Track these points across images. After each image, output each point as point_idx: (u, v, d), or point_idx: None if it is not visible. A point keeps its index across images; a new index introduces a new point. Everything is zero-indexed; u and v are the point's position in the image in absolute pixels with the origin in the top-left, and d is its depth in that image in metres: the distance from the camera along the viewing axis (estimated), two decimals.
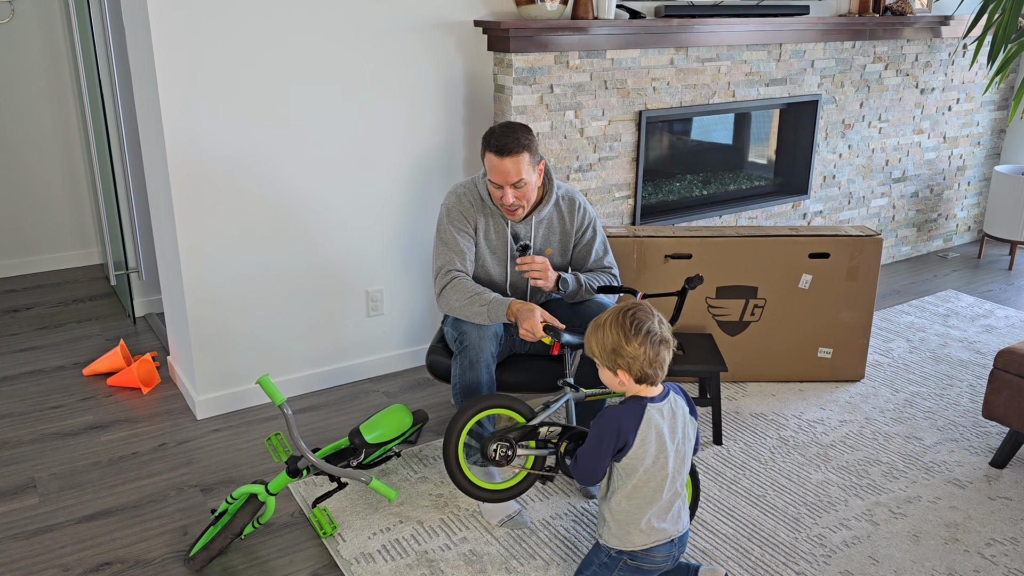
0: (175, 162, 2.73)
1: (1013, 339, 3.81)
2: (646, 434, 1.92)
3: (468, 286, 2.49)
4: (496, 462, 2.23)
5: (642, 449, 1.92)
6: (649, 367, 1.90)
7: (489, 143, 2.46)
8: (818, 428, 3.02)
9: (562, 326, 2.38)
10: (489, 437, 2.23)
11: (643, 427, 1.92)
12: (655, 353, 1.90)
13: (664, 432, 1.95)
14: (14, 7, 4.26)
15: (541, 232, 2.65)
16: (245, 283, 2.99)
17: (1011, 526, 2.47)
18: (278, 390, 2.10)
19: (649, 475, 1.94)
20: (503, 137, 2.44)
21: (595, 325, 1.96)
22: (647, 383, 1.94)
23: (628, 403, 1.96)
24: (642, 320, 1.90)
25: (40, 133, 4.48)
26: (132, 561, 2.28)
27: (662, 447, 1.94)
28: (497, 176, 2.46)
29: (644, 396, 1.96)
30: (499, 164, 2.44)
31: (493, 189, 2.51)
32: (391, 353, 3.42)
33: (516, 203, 2.50)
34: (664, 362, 1.92)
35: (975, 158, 5.04)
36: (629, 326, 1.89)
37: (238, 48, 2.73)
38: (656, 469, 1.94)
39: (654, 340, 1.90)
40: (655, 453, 1.93)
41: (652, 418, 1.93)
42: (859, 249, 3.21)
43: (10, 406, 3.13)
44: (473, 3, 3.14)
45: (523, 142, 2.44)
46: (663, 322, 1.95)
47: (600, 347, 1.94)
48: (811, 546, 2.37)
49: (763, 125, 4.22)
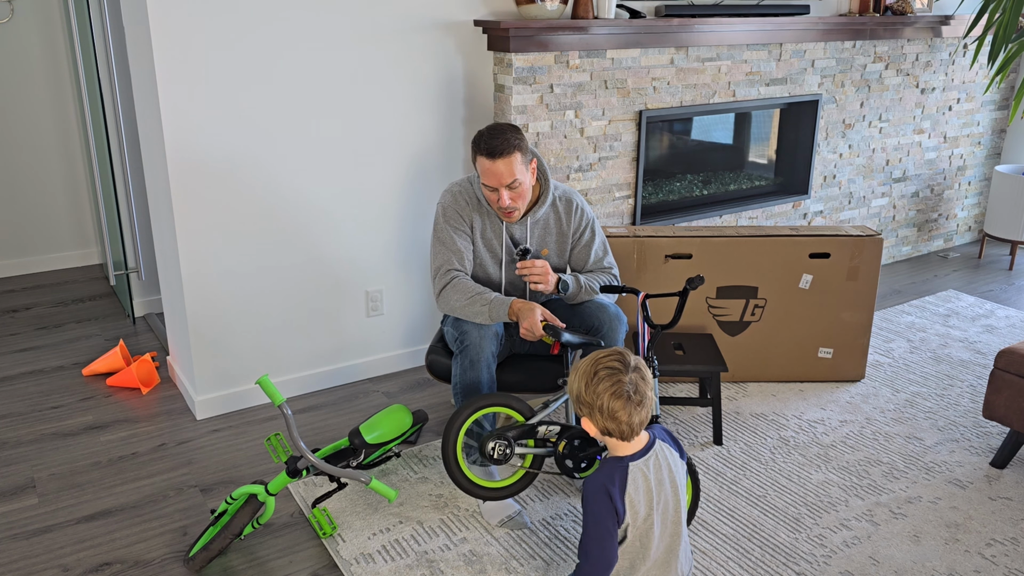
0: (175, 162, 2.73)
1: (1013, 339, 3.80)
2: (632, 497, 1.77)
3: (468, 286, 2.49)
4: (494, 460, 2.25)
5: (632, 511, 1.78)
6: (611, 422, 1.73)
7: (479, 146, 2.43)
8: (818, 428, 3.01)
9: (562, 325, 2.38)
10: (487, 435, 2.24)
11: (629, 490, 1.76)
12: (618, 407, 1.71)
13: (652, 488, 1.79)
14: (14, 7, 4.26)
15: (537, 233, 2.64)
16: (245, 283, 2.99)
17: (1011, 526, 2.46)
18: (278, 390, 2.10)
19: (641, 532, 1.80)
20: (492, 139, 2.41)
21: (572, 368, 1.83)
22: (616, 438, 1.77)
23: (606, 466, 1.79)
24: (605, 372, 1.73)
25: (40, 133, 4.48)
26: (132, 561, 2.28)
27: (651, 504, 1.79)
28: (490, 179, 2.44)
29: (624, 455, 1.79)
30: (491, 167, 2.41)
31: (488, 193, 2.49)
32: (391, 353, 3.41)
33: (512, 205, 2.48)
34: (631, 419, 1.73)
35: (975, 158, 5.04)
36: (592, 375, 1.74)
37: (238, 48, 2.73)
38: (646, 527, 1.79)
39: (618, 394, 1.71)
40: (645, 512, 1.79)
41: (636, 480, 1.77)
42: (859, 249, 3.21)
43: (10, 406, 3.13)
44: (473, 3, 3.14)
45: (513, 142, 2.41)
46: (643, 376, 1.76)
47: (570, 391, 1.81)
48: (811, 546, 2.37)
49: (763, 125, 4.22)
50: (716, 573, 2.25)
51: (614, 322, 2.56)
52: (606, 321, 2.56)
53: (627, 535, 1.80)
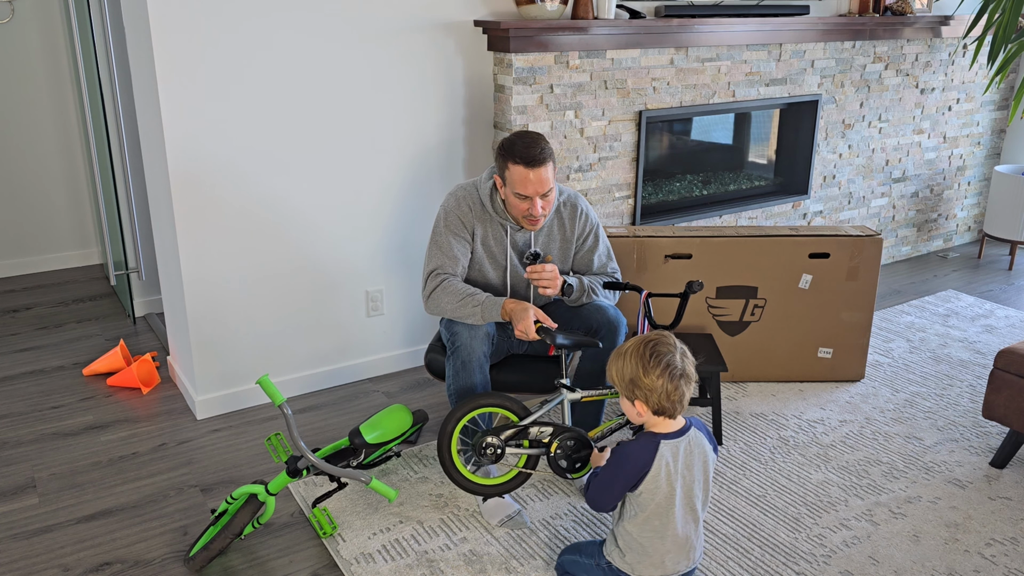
0: (175, 162, 2.73)
1: (1013, 339, 3.81)
2: (658, 471, 1.90)
3: (459, 288, 2.48)
4: (487, 460, 2.29)
5: (653, 484, 1.91)
6: (667, 400, 1.87)
7: (514, 155, 2.39)
8: (818, 428, 3.02)
9: (555, 325, 2.38)
10: (479, 435, 2.29)
11: (656, 464, 1.90)
12: (673, 387, 1.87)
13: (677, 469, 1.92)
14: (14, 7, 4.26)
15: (541, 239, 2.63)
16: (245, 283, 2.99)
17: (1011, 526, 2.47)
18: (278, 390, 2.10)
19: (661, 509, 1.92)
20: (530, 148, 2.38)
21: (616, 353, 1.94)
22: (665, 416, 1.91)
23: (641, 439, 1.93)
24: (662, 352, 1.87)
25: (40, 133, 4.48)
26: (132, 561, 2.28)
27: (673, 485, 1.92)
28: (527, 188, 2.40)
29: (659, 432, 1.93)
30: (530, 176, 2.38)
31: (518, 202, 2.45)
32: (391, 353, 3.42)
33: (543, 213, 2.46)
34: (683, 396, 1.89)
35: (975, 158, 5.04)
36: (648, 357, 1.87)
37: (238, 49, 2.73)
38: (668, 506, 1.93)
39: (674, 374, 1.86)
40: (666, 491, 1.91)
41: (664, 455, 1.91)
42: (859, 249, 3.21)
43: (10, 406, 3.13)
44: (473, 3, 3.14)
45: (548, 151, 2.40)
46: (686, 355, 1.91)
47: (619, 376, 1.92)
48: (811, 546, 2.37)
49: (763, 125, 4.22)
50: (716, 573, 2.25)
51: (613, 324, 2.55)
52: (605, 323, 2.55)
53: (650, 505, 1.92)
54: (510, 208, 2.50)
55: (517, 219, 2.52)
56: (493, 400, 2.35)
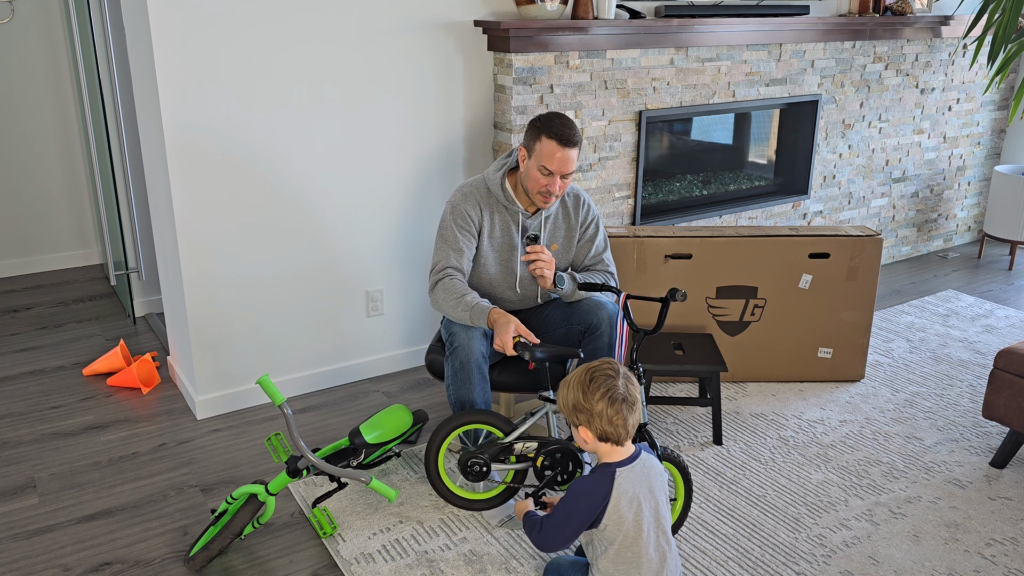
0: (175, 162, 2.73)
1: (1013, 339, 3.81)
2: (618, 502, 1.89)
3: (457, 287, 2.49)
4: (474, 477, 2.35)
5: (616, 515, 1.89)
6: (609, 425, 1.87)
7: (550, 130, 2.46)
8: (818, 428, 3.02)
9: (536, 341, 2.37)
10: (464, 455, 2.34)
11: (614, 495, 1.89)
12: (615, 411, 1.86)
13: (637, 495, 1.90)
14: (14, 7, 4.26)
15: (548, 227, 2.67)
16: (245, 283, 2.99)
17: (1011, 526, 2.47)
18: (278, 390, 2.10)
19: (630, 539, 1.90)
20: (566, 128, 2.46)
21: (563, 381, 1.96)
22: (611, 442, 1.90)
23: (596, 472, 1.92)
24: (602, 379, 1.88)
25: (40, 133, 4.48)
26: (132, 561, 2.28)
27: (638, 511, 1.90)
28: (555, 164, 2.46)
29: (612, 461, 1.92)
30: (562, 154, 2.45)
31: (540, 176, 2.50)
32: (391, 353, 3.42)
33: (559, 192, 2.52)
34: (626, 422, 1.88)
35: (975, 158, 5.04)
36: (588, 383, 1.88)
37: (238, 49, 2.73)
38: (636, 533, 1.90)
39: (614, 398, 1.86)
40: (632, 519, 1.89)
41: (622, 485, 1.89)
42: (859, 249, 3.21)
43: (10, 406, 3.13)
44: (473, 3, 3.14)
45: (579, 137, 2.49)
46: (631, 381, 1.91)
47: (564, 403, 1.93)
48: (811, 546, 2.37)
49: (763, 125, 4.22)
50: (716, 573, 2.25)
51: (613, 320, 2.57)
52: (604, 319, 2.57)
53: (618, 537, 1.90)
54: (529, 182, 2.54)
55: (532, 194, 2.55)
56: (477, 417, 2.39)
